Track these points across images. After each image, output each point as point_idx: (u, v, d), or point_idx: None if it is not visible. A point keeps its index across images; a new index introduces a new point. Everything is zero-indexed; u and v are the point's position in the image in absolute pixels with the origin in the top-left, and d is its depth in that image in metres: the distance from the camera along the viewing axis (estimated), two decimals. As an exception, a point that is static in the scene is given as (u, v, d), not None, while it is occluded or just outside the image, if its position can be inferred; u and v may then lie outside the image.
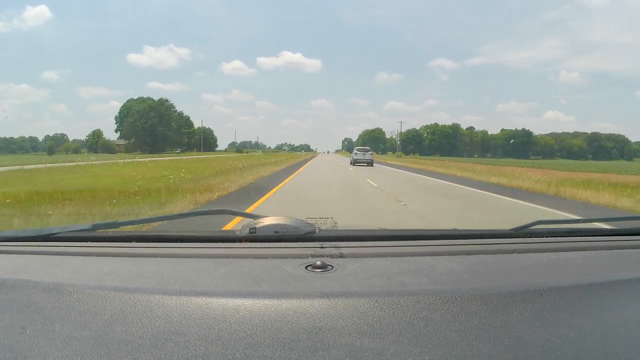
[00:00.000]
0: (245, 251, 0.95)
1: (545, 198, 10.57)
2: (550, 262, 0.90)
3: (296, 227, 1.02)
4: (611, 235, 1.22)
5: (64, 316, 0.62)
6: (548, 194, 11.68)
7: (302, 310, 0.62)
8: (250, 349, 0.54)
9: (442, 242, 1.06)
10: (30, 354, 0.54)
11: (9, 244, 1.04)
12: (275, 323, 0.59)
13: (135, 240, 1.08)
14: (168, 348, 0.54)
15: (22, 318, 0.62)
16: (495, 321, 0.61)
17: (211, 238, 1.10)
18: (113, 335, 0.57)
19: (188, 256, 0.91)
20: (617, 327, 0.62)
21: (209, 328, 0.58)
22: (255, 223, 1.03)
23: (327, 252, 0.91)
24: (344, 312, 0.61)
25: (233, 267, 0.81)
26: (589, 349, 0.56)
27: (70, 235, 1.07)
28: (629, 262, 0.95)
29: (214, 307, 0.63)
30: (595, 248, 1.05)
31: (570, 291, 0.70)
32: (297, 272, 0.78)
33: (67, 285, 0.71)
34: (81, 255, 0.92)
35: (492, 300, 0.66)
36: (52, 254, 0.95)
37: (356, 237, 1.09)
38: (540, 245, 1.06)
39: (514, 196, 10.64)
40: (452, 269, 0.81)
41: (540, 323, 0.61)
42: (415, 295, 0.66)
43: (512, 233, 1.13)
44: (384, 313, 0.62)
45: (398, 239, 1.09)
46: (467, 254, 0.93)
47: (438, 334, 0.57)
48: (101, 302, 0.65)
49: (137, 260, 0.88)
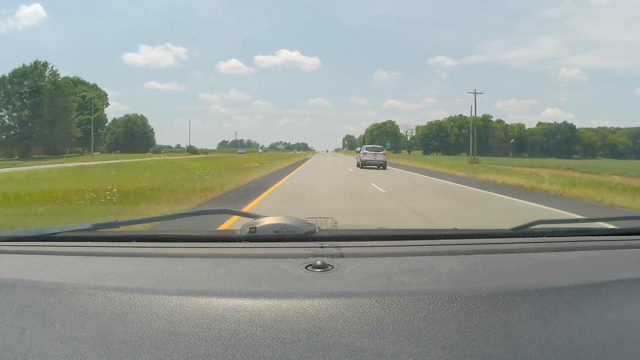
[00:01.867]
0: (245, 251, 0.95)
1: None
2: (550, 262, 0.90)
3: (296, 226, 1.02)
4: (611, 235, 1.22)
5: (64, 316, 0.62)
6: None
7: (302, 310, 0.62)
8: (250, 349, 0.54)
9: (442, 242, 1.06)
10: (30, 354, 0.54)
11: (9, 244, 1.04)
12: (275, 323, 0.59)
13: (135, 240, 1.08)
14: (168, 348, 0.54)
15: (22, 318, 0.62)
16: (496, 321, 0.61)
17: (211, 238, 1.10)
18: (113, 336, 0.57)
19: (188, 256, 0.91)
20: (617, 327, 0.62)
21: (209, 328, 0.58)
22: (256, 223, 1.03)
23: (327, 252, 0.91)
24: (344, 312, 0.61)
25: (233, 267, 0.81)
26: (589, 349, 0.56)
27: (70, 235, 1.07)
28: (629, 262, 0.95)
29: (214, 307, 0.63)
30: (595, 248, 1.05)
31: (570, 291, 0.70)
32: (297, 272, 0.78)
33: (67, 285, 0.71)
34: (81, 255, 0.92)
35: (492, 300, 0.66)
36: (52, 254, 0.94)
37: (356, 237, 1.08)
38: (540, 245, 1.06)
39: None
40: (452, 269, 0.81)
41: (540, 323, 0.61)
42: (415, 295, 0.66)
43: (512, 233, 1.13)
44: (384, 313, 0.62)
45: (398, 239, 1.09)
46: (467, 254, 0.93)
47: (438, 334, 0.57)
48: (101, 302, 0.65)
49: (137, 260, 0.88)
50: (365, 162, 23.03)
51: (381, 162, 22.94)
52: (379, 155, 23.32)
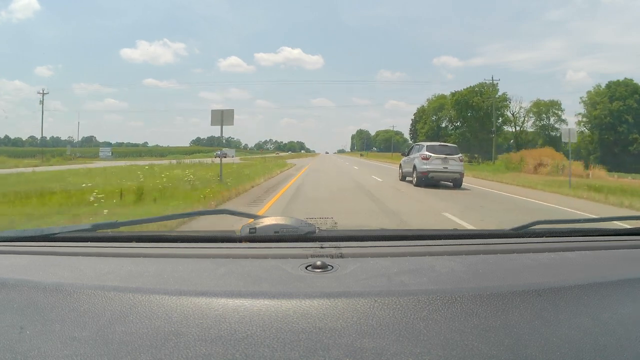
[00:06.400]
0: (245, 251, 0.95)
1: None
2: (550, 262, 0.90)
3: (296, 227, 1.02)
4: (611, 235, 1.22)
5: (64, 316, 0.62)
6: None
7: (302, 311, 0.62)
8: (250, 349, 0.54)
9: (442, 242, 1.06)
10: (30, 354, 0.54)
11: (8, 244, 1.04)
12: (275, 323, 0.59)
13: (135, 240, 1.08)
14: (168, 348, 0.54)
15: (21, 318, 0.62)
16: (495, 321, 0.61)
17: (211, 238, 1.10)
18: (113, 336, 0.57)
19: (188, 256, 0.91)
20: (617, 327, 0.62)
21: (209, 328, 0.58)
22: (255, 223, 1.03)
23: (327, 252, 0.91)
24: (344, 312, 0.61)
25: (233, 267, 0.81)
26: (589, 349, 0.56)
27: (70, 236, 1.07)
28: (629, 262, 0.95)
29: (214, 307, 0.63)
30: (595, 248, 1.05)
31: (570, 291, 0.70)
32: (297, 272, 0.78)
33: (67, 286, 0.71)
34: (81, 256, 0.92)
35: (492, 300, 0.66)
36: (52, 254, 0.95)
37: (356, 237, 1.08)
38: (540, 245, 1.07)
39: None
40: (452, 269, 0.81)
41: (540, 323, 0.61)
42: (415, 295, 0.66)
43: (512, 233, 1.13)
44: (384, 313, 0.62)
45: (398, 239, 1.09)
46: (467, 254, 0.93)
47: (438, 334, 0.58)
48: (101, 303, 0.65)
49: (137, 260, 0.88)
50: (428, 174, 12.59)
51: (456, 174, 12.92)
52: (452, 162, 12.87)
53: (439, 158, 12.76)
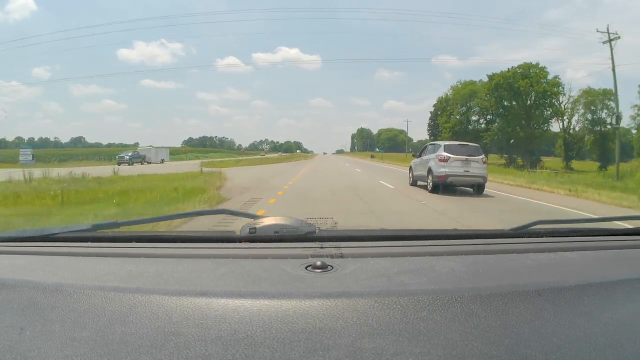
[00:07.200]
0: (245, 251, 0.95)
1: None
2: (550, 262, 0.90)
3: (296, 227, 1.02)
4: (611, 235, 1.22)
5: (64, 317, 0.62)
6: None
7: (302, 311, 0.62)
8: (250, 349, 0.54)
9: (442, 242, 1.06)
10: (30, 354, 0.54)
11: (9, 244, 1.04)
12: (275, 323, 0.59)
13: (135, 240, 1.08)
14: (168, 348, 0.54)
15: (22, 318, 0.62)
16: (495, 321, 0.61)
17: (211, 238, 1.10)
18: (113, 336, 0.57)
19: (188, 256, 0.91)
20: (617, 327, 0.62)
21: (208, 328, 0.58)
22: (255, 223, 1.03)
23: (327, 252, 0.91)
24: (343, 312, 0.61)
25: (233, 267, 0.81)
26: (589, 349, 0.56)
27: (70, 236, 1.07)
28: (629, 262, 0.95)
29: (213, 307, 0.63)
30: (595, 248, 1.05)
31: (570, 291, 0.70)
32: (297, 272, 0.78)
33: (67, 286, 0.71)
34: (81, 256, 0.92)
35: (492, 300, 0.66)
36: (52, 254, 0.94)
37: (356, 237, 1.08)
38: (540, 245, 1.07)
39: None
40: (452, 269, 0.81)
41: (540, 323, 0.61)
42: (415, 295, 0.66)
43: (512, 233, 1.13)
44: (384, 313, 0.62)
45: (398, 239, 1.09)
46: (467, 254, 0.93)
47: (438, 334, 0.57)
48: (101, 303, 0.65)
49: (137, 261, 0.88)
50: (447, 178, 10.60)
51: (479, 178, 10.84)
52: (474, 165, 10.83)
53: (459, 160, 10.73)
